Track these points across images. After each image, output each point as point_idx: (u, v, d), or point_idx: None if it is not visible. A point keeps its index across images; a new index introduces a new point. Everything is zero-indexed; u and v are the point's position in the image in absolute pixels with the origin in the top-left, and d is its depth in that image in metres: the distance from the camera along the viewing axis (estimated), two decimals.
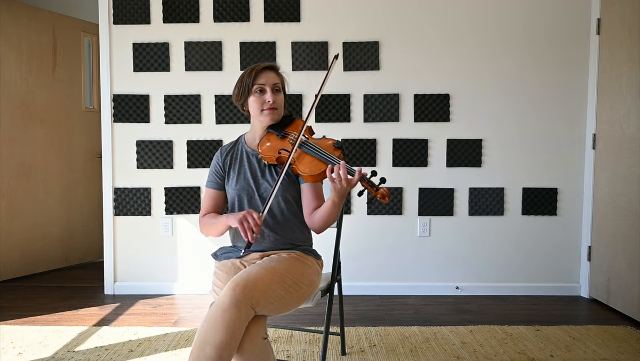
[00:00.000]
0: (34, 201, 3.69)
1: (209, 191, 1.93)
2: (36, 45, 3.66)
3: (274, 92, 1.84)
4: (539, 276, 3.27)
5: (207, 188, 1.93)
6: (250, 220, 1.62)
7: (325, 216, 1.73)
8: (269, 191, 1.81)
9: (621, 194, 2.89)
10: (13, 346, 2.41)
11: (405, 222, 3.26)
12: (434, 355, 2.32)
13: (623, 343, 2.46)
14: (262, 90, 1.82)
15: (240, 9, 3.19)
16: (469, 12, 3.19)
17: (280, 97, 1.86)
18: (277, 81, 1.86)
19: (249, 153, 1.89)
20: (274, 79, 1.85)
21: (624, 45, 2.88)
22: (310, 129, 1.87)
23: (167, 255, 3.29)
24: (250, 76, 1.82)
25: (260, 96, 1.83)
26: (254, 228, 1.61)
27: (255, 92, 1.83)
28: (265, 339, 1.58)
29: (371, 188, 1.55)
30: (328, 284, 2.01)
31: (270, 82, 1.83)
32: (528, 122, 3.22)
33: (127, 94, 3.22)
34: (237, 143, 1.95)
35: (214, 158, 1.94)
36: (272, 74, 1.85)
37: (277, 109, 1.84)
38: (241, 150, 1.91)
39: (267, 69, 1.85)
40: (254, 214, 1.64)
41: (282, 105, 1.87)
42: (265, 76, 1.83)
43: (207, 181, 1.94)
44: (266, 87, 1.82)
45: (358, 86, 3.21)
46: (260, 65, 1.85)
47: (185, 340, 2.48)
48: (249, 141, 1.92)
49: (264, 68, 1.84)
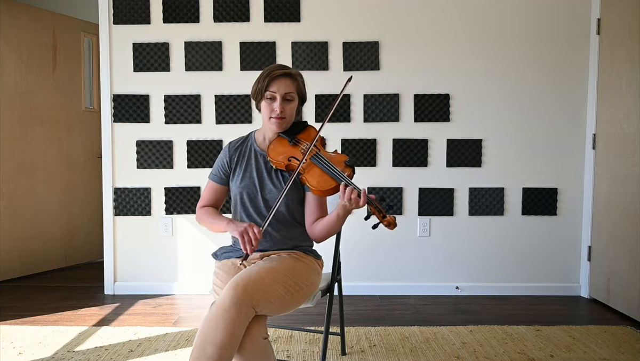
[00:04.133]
0: (33, 201, 3.69)
1: (211, 184, 1.93)
2: (36, 45, 3.66)
3: (284, 101, 1.80)
4: (539, 276, 3.27)
5: (210, 179, 1.93)
6: (250, 234, 1.65)
7: (327, 227, 1.75)
8: (272, 193, 1.81)
9: (621, 194, 2.89)
10: (13, 346, 2.41)
11: (405, 222, 3.26)
12: (434, 355, 2.32)
13: (623, 343, 2.46)
14: (273, 97, 1.80)
15: (240, 9, 3.19)
16: (469, 12, 3.19)
17: (291, 106, 1.82)
18: (291, 90, 1.80)
19: (258, 153, 1.88)
20: (287, 87, 1.79)
21: (624, 45, 2.88)
22: (323, 140, 1.86)
23: (167, 255, 3.29)
24: (265, 81, 1.79)
25: (271, 103, 1.80)
26: (254, 242, 1.65)
27: (267, 98, 1.80)
28: (265, 339, 1.58)
29: (378, 214, 1.55)
30: (328, 284, 2.01)
31: (282, 91, 1.78)
32: (528, 122, 3.22)
33: (127, 94, 3.22)
34: (247, 140, 1.94)
35: (222, 151, 1.93)
36: (286, 82, 1.80)
37: (284, 119, 1.81)
38: (250, 148, 1.90)
39: (283, 76, 1.80)
40: (255, 228, 1.67)
41: (292, 114, 1.84)
42: (278, 83, 1.79)
43: (211, 173, 1.93)
44: (277, 96, 1.79)
45: (358, 86, 3.21)
46: (275, 72, 1.79)
47: (185, 340, 2.48)
48: (258, 140, 1.91)
49: (279, 75, 1.79)
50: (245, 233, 1.66)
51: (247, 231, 1.66)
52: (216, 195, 1.93)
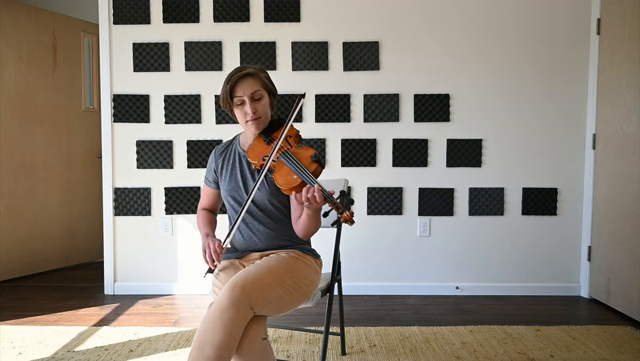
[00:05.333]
0: (33, 201, 3.69)
1: (205, 188, 2.00)
2: (36, 45, 3.66)
3: (253, 101, 1.76)
4: (539, 276, 3.27)
5: (205, 184, 2.00)
6: (211, 249, 1.72)
7: (306, 226, 1.73)
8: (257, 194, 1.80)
9: (621, 194, 2.88)
10: (13, 346, 2.41)
11: (405, 222, 3.26)
12: (434, 355, 2.31)
13: (623, 343, 2.46)
14: (242, 102, 1.76)
15: (240, 9, 3.19)
16: (469, 13, 3.19)
17: (262, 103, 1.78)
18: (256, 88, 1.76)
19: (241, 155, 1.88)
20: (252, 87, 1.75)
21: (624, 45, 2.87)
22: (297, 136, 1.78)
23: (167, 255, 3.29)
24: (227, 88, 1.75)
25: (242, 108, 1.77)
26: (214, 257, 1.71)
27: (237, 105, 1.78)
28: (265, 339, 1.58)
29: (337, 210, 1.49)
30: (328, 284, 2.01)
31: (247, 92, 1.74)
32: (528, 122, 3.22)
33: (127, 94, 3.22)
34: (232, 144, 1.95)
35: (210, 157, 1.97)
36: (249, 82, 1.75)
37: (260, 118, 1.78)
38: (234, 151, 1.91)
39: (243, 78, 1.75)
40: (215, 243, 1.73)
41: (266, 111, 1.80)
42: (241, 86, 1.75)
43: (205, 178, 1.99)
44: (244, 98, 1.75)
45: (358, 86, 3.21)
46: (234, 75, 1.75)
47: (185, 340, 2.48)
48: (242, 143, 1.91)
49: (239, 78, 1.74)
50: (207, 248, 1.73)
51: (209, 246, 1.73)
52: (210, 199, 2.00)
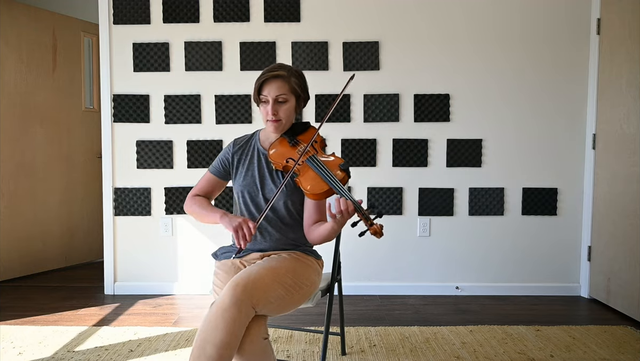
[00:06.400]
0: (33, 201, 3.69)
1: (209, 175, 1.93)
2: (36, 46, 3.66)
3: (277, 103, 1.78)
4: (539, 276, 3.27)
5: (209, 171, 1.94)
6: (245, 229, 1.65)
7: (323, 235, 1.73)
8: (273, 193, 1.81)
9: (621, 194, 2.89)
10: (13, 346, 2.41)
11: (405, 222, 3.26)
12: (434, 355, 2.32)
13: (623, 343, 2.46)
14: (266, 101, 1.79)
15: (240, 9, 3.19)
16: (470, 13, 3.19)
17: (285, 107, 1.79)
18: (283, 92, 1.77)
19: (261, 152, 1.88)
20: (279, 89, 1.77)
21: (624, 45, 2.88)
22: (323, 142, 1.84)
23: (167, 255, 3.29)
24: (257, 85, 1.80)
25: (265, 106, 1.81)
26: (248, 237, 1.64)
27: (262, 102, 1.81)
28: (265, 339, 1.58)
29: (366, 221, 1.49)
30: (328, 284, 2.01)
31: (272, 93, 1.77)
32: (528, 122, 3.22)
33: (127, 94, 3.22)
34: (252, 138, 1.94)
35: (227, 147, 1.94)
36: (276, 84, 1.77)
37: (280, 121, 1.80)
38: (254, 147, 1.91)
39: (273, 79, 1.78)
40: (250, 223, 1.66)
41: (288, 115, 1.82)
42: (268, 86, 1.78)
43: (212, 165, 1.94)
44: (269, 99, 1.78)
45: (358, 86, 3.21)
46: (265, 75, 1.78)
47: (185, 340, 2.48)
48: (262, 140, 1.91)
49: (268, 78, 1.77)
50: (240, 228, 1.65)
51: (242, 226, 1.65)
52: (212, 188, 1.94)
